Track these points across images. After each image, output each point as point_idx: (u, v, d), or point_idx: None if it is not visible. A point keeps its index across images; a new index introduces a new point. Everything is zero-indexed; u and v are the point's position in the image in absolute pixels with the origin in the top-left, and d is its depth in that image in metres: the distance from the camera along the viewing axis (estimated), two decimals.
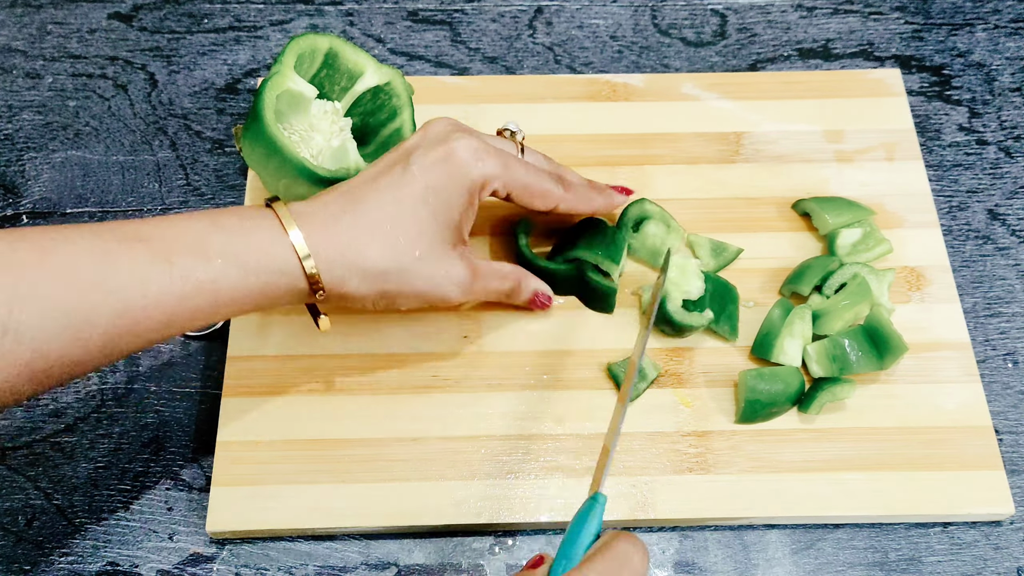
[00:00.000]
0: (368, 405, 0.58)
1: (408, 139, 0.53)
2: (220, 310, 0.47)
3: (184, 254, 0.45)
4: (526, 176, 0.53)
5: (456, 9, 0.77)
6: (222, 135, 0.71)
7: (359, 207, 0.49)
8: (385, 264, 0.49)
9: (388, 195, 0.50)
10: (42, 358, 0.42)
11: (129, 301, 0.44)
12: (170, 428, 0.59)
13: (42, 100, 0.72)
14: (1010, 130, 0.72)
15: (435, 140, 0.51)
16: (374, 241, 0.49)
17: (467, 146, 0.51)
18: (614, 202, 0.59)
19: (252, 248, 0.47)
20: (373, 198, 0.50)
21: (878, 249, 0.62)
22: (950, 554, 0.56)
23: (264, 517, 0.55)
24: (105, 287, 0.43)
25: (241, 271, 0.46)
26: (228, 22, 0.76)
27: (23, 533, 0.56)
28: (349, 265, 0.49)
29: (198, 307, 0.46)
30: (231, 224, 0.47)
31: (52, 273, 0.42)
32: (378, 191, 0.50)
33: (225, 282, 0.46)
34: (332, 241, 0.48)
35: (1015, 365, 0.62)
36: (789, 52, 0.75)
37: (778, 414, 0.58)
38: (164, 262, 0.45)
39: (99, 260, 0.43)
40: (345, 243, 0.48)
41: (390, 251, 0.49)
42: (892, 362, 0.58)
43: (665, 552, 0.56)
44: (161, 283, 0.44)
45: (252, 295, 0.47)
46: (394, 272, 0.50)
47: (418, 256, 0.50)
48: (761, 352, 0.59)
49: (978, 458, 0.57)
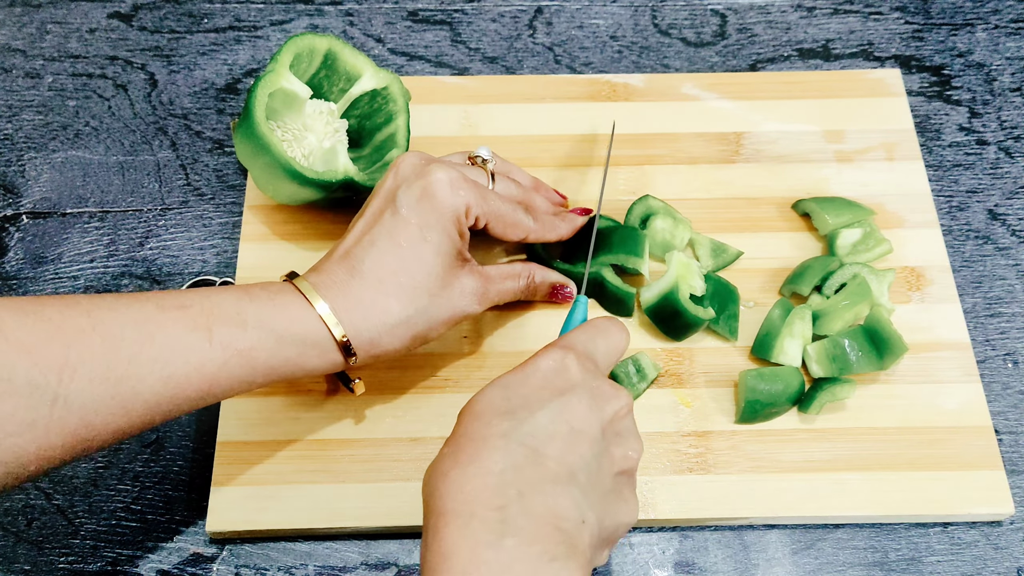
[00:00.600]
0: (368, 405, 0.58)
1: (384, 181, 0.53)
2: (257, 379, 0.48)
3: (222, 323, 0.46)
4: (501, 206, 0.54)
5: (456, 9, 0.77)
6: (222, 135, 0.71)
7: (364, 266, 0.50)
8: (407, 312, 0.50)
9: (386, 245, 0.50)
10: (87, 427, 0.43)
11: (172, 368, 0.45)
12: (170, 428, 0.59)
13: (42, 100, 0.72)
14: (1010, 130, 0.72)
15: (412, 176, 0.51)
16: (390, 296, 0.50)
17: (444, 178, 0.51)
18: (576, 226, 0.60)
19: (284, 319, 0.48)
20: (374, 254, 0.50)
21: (878, 249, 0.62)
22: (950, 554, 0.56)
23: (264, 517, 0.55)
24: (150, 355, 0.44)
25: (276, 341, 0.47)
26: (228, 22, 0.76)
27: (23, 533, 0.56)
28: (375, 325, 0.49)
29: (235, 375, 0.47)
30: (262, 296, 0.48)
31: (100, 342, 0.43)
32: (375, 245, 0.50)
33: (262, 351, 0.47)
34: (353, 307, 0.49)
35: (1015, 365, 0.62)
36: (789, 52, 0.75)
37: (778, 414, 0.58)
38: (204, 330, 0.45)
39: (143, 329, 0.44)
40: (366, 306, 0.49)
41: (408, 299, 0.50)
42: (892, 362, 0.58)
43: (665, 552, 0.56)
44: (202, 351, 0.45)
45: (288, 364, 0.48)
46: (417, 315, 0.51)
47: (434, 292, 0.51)
48: (761, 352, 0.59)
49: (978, 458, 0.57)
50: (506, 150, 0.67)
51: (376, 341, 0.50)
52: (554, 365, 0.45)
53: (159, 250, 0.66)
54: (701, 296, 0.60)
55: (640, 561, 0.56)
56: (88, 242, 0.66)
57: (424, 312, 0.51)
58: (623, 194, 0.66)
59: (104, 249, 0.66)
